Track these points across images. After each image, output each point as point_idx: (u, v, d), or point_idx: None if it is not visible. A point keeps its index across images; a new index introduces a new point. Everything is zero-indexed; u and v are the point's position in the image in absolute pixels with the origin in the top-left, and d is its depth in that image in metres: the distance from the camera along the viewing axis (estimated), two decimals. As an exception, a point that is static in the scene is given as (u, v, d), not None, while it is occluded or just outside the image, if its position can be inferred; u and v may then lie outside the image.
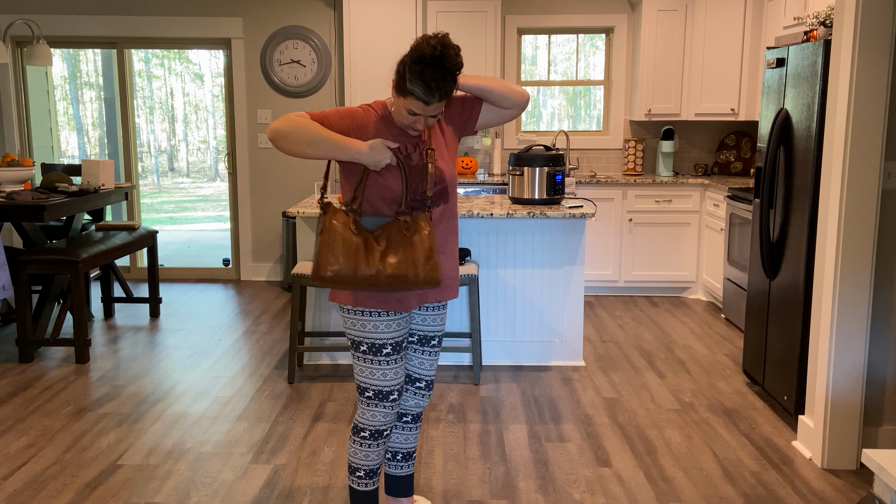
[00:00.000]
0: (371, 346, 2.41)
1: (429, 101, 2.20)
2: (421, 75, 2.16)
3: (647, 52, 6.19)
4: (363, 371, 2.44)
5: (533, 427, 3.68)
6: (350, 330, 2.44)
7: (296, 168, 6.74)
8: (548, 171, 4.44)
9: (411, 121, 2.28)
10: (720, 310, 5.78)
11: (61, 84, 11.32)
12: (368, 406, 2.47)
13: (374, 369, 2.43)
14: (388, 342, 2.42)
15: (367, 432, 2.49)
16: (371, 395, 2.45)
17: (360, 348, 2.43)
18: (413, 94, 2.19)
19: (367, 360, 2.43)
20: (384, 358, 2.43)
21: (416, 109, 2.23)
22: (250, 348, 4.90)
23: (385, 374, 2.44)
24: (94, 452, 3.39)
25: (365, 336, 2.41)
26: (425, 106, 2.22)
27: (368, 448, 2.51)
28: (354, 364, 2.47)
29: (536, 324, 4.54)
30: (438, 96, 2.20)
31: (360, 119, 2.35)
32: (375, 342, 2.41)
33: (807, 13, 5.00)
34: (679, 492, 3.05)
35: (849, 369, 3.23)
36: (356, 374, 2.47)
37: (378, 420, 2.48)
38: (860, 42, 3.06)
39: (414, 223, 2.30)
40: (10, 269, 4.56)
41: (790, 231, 3.71)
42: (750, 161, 6.53)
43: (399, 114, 2.29)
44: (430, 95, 2.19)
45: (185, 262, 8.21)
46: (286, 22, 6.56)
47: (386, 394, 2.45)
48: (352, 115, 2.35)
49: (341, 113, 2.35)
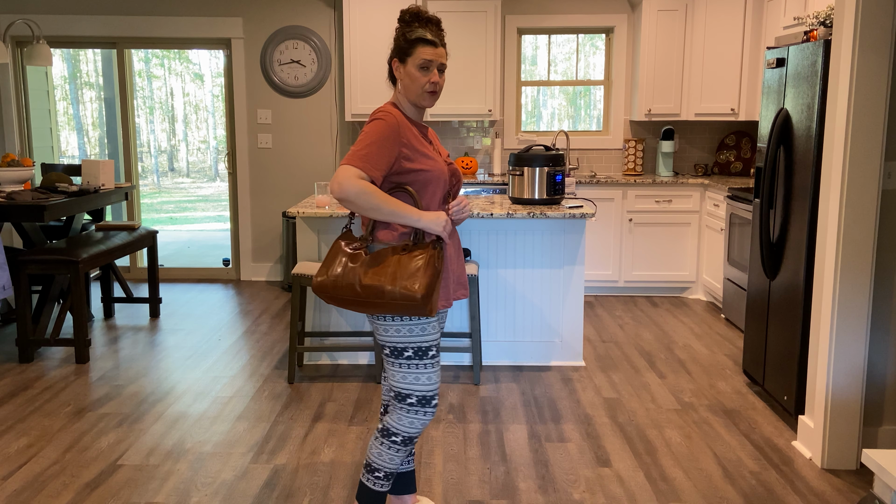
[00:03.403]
0: (417, 350, 2.39)
1: (435, 41, 2.35)
2: (418, 23, 2.36)
3: (647, 52, 6.19)
4: (406, 378, 2.41)
5: (533, 427, 3.68)
6: (393, 338, 2.39)
7: (296, 168, 6.74)
8: (548, 171, 4.44)
9: (425, 80, 2.35)
10: (720, 310, 5.78)
11: (61, 84, 11.32)
12: (408, 413, 2.43)
13: (420, 374, 2.41)
14: (434, 344, 2.42)
15: (399, 437, 2.46)
16: (413, 401, 2.42)
17: (403, 355, 2.40)
18: (421, 40, 2.34)
19: (412, 366, 2.41)
20: (430, 361, 2.42)
21: (429, 55, 2.34)
22: (250, 348, 4.90)
23: (430, 378, 2.43)
24: (94, 452, 3.39)
25: (410, 341, 2.39)
26: (434, 49, 2.35)
27: (396, 453, 2.48)
28: (394, 372, 2.43)
29: (536, 324, 4.54)
30: (440, 39, 2.37)
31: (394, 132, 2.31)
32: (422, 345, 2.40)
33: (807, 13, 5.00)
34: (679, 492, 3.05)
35: (849, 369, 3.23)
36: (396, 382, 2.43)
37: (416, 427, 2.45)
38: (860, 42, 3.05)
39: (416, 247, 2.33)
40: (10, 269, 4.56)
41: (790, 231, 3.71)
42: (750, 161, 6.53)
43: (413, 83, 2.36)
44: (434, 35, 2.36)
45: (185, 262, 8.21)
46: (286, 22, 6.56)
47: (429, 398, 2.43)
48: (388, 138, 2.30)
49: (380, 143, 2.29)
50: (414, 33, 2.35)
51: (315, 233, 4.46)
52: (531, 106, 7.03)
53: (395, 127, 2.31)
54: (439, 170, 2.40)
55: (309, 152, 6.72)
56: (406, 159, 2.33)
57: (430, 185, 2.38)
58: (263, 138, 6.70)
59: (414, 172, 2.35)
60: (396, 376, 2.43)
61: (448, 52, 2.53)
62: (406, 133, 2.34)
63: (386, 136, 2.29)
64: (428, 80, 2.35)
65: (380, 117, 2.33)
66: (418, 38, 2.34)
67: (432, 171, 2.38)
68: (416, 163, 2.35)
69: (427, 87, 2.36)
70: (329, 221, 4.45)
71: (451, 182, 2.50)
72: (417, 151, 2.36)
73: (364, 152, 2.27)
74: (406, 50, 2.35)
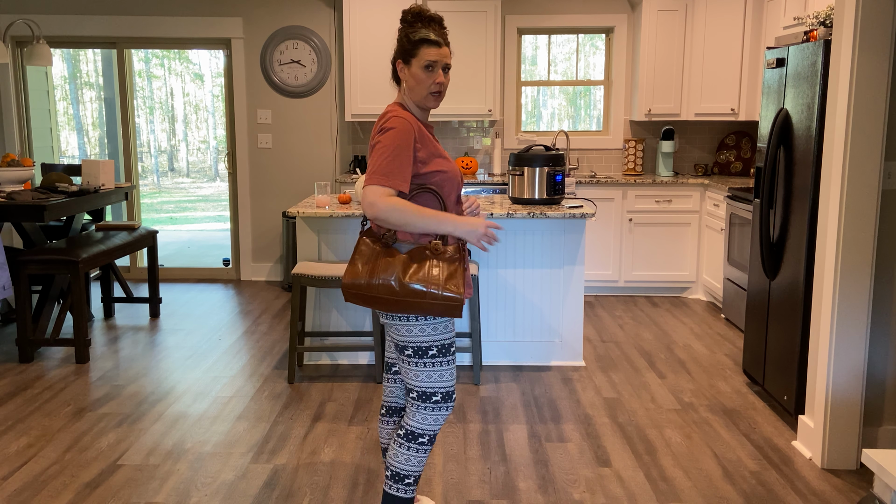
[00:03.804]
0: (441, 348, 2.39)
1: (439, 41, 2.34)
2: (421, 24, 2.35)
3: (647, 52, 6.19)
4: (431, 376, 2.40)
5: (533, 427, 3.68)
6: (417, 337, 2.37)
7: (296, 168, 6.75)
8: (548, 171, 4.44)
9: (431, 80, 2.34)
10: (720, 310, 5.78)
11: (61, 84, 11.33)
12: (433, 411, 2.43)
13: (443, 371, 2.41)
14: (454, 340, 2.44)
15: (426, 437, 2.44)
16: (438, 398, 2.42)
17: (428, 353, 2.38)
18: (425, 41, 2.33)
19: (437, 364, 2.40)
20: (451, 357, 2.42)
21: (433, 56, 2.33)
22: (250, 348, 4.90)
23: (452, 374, 2.44)
24: (94, 452, 3.39)
25: (435, 339, 2.38)
26: (438, 49, 2.34)
27: (425, 454, 2.46)
28: (417, 372, 2.40)
29: (536, 324, 4.54)
30: (443, 39, 2.35)
31: (409, 138, 2.28)
32: (445, 342, 2.40)
33: (807, 13, 5.00)
34: (679, 492, 3.05)
35: (849, 369, 3.23)
36: (420, 382, 2.41)
37: (439, 423, 2.45)
38: (860, 42, 3.06)
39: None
40: (10, 269, 4.56)
41: (790, 231, 3.71)
42: (750, 161, 6.53)
43: (418, 84, 2.34)
44: (437, 35, 2.35)
45: (185, 262, 8.21)
46: (286, 22, 6.56)
47: (451, 394, 2.45)
48: (404, 147, 2.26)
49: (399, 153, 2.25)
50: (417, 34, 2.33)
51: (315, 233, 4.46)
52: (531, 106, 7.03)
53: (409, 133, 2.28)
54: (453, 171, 2.41)
55: (309, 152, 6.72)
56: (421, 163, 2.32)
57: (446, 187, 2.38)
58: (263, 138, 6.70)
59: (430, 175, 2.34)
60: (421, 376, 2.40)
61: (451, 51, 2.51)
62: (420, 135, 2.33)
63: (402, 144, 2.26)
64: (433, 80, 2.34)
65: (392, 125, 2.28)
66: (422, 39, 2.32)
67: (448, 173, 2.38)
68: (431, 165, 2.34)
69: (432, 87, 2.35)
70: (329, 221, 4.45)
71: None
72: (431, 154, 2.35)
73: (386, 168, 2.23)
74: (410, 51, 2.34)
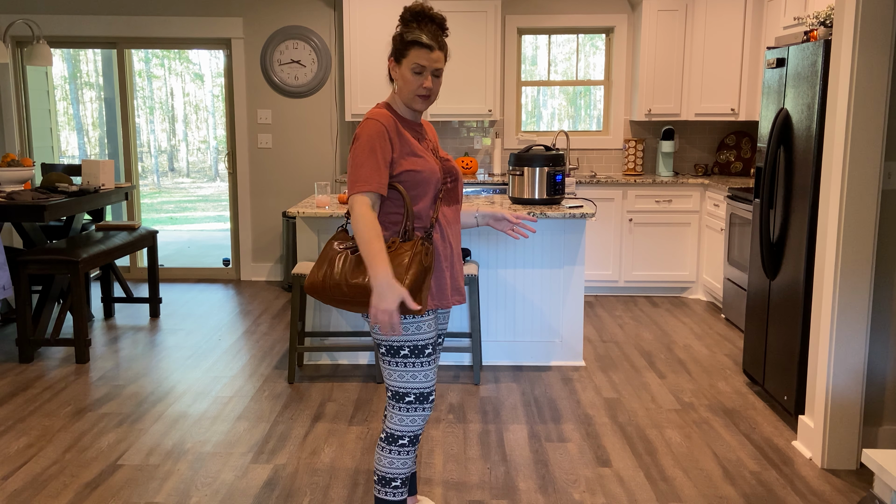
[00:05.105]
0: (413, 349, 2.38)
1: (430, 46, 2.30)
2: (418, 26, 2.32)
3: (647, 52, 6.19)
4: (403, 376, 2.40)
5: (533, 427, 3.68)
6: (389, 336, 2.36)
7: (296, 168, 6.75)
8: (548, 171, 4.44)
9: (418, 83, 2.31)
10: (720, 310, 5.78)
11: (61, 84, 11.33)
12: (408, 411, 2.43)
13: (416, 371, 2.40)
14: (430, 342, 2.40)
15: (405, 439, 2.44)
16: (412, 398, 2.41)
17: (399, 353, 2.38)
18: (416, 43, 2.30)
19: (409, 364, 2.40)
20: (426, 359, 2.41)
21: (423, 61, 2.30)
22: (250, 348, 4.90)
23: (426, 375, 2.42)
24: (94, 452, 3.39)
25: (407, 339, 2.37)
26: (429, 53, 2.30)
27: (406, 455, 2.46)
28: (390, 371, 2.41)
29: (536, 324, 4.54)
30: (437, 44, 2.32)
31: (379, 139, 2.29)
32: (418, 343, 2.38)
33: (807, 13, 5.00)
34: (679, 492, 3.05)
35: (849, 369, 3.23)
36: (393, 381, 2.42)
37: (417, 424, 2.44)
38: (860, 42, 3.05)
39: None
40: (10, 269, 4.56)
41: (790, 231, 3.71)
42: (750, 161, 6.53)
43: (406, 85, 2.33)
44: (430, 40, 2.31)
45: (185, 262, 8.21)
46: (286, 22, 6.56)
47: (426, 395, 2.43)
48: (374, 150, 2.28)
49: (369, 157, 2.27)
50: (411, 35, 2.31)
51: (315, 233, 4.46)
52: (531, 106, 7.03)
53: (378, 135, 2.29)
54: (430, 170, 2.38)
55: (309, 152, 6.72)
56: (393, 162, 2.32)
57: (421, 185, 2.36)
58: (263, 138, 6.70)
59: (403, 173, 2.34)
60: (394, 375, 2.41)
61: (449, 52, 2.47)
62: (394, 135, 2.32)
63: (372, 148, 2.28)
64: (420, 84, 2.32)
65: (360, 132, 2.31)
66: (413, 41, 2.29)
67: (422, 172, 2.35)
68: (403, 164, 2.33)
69: (419, 91, 2.33)
70: (329, 221, 4.45)
71: (447, 180, 2.47)
72: (405, 153, 2.34)
73: (361, 175, 2.27)
74: (401, 51, 2.32)
